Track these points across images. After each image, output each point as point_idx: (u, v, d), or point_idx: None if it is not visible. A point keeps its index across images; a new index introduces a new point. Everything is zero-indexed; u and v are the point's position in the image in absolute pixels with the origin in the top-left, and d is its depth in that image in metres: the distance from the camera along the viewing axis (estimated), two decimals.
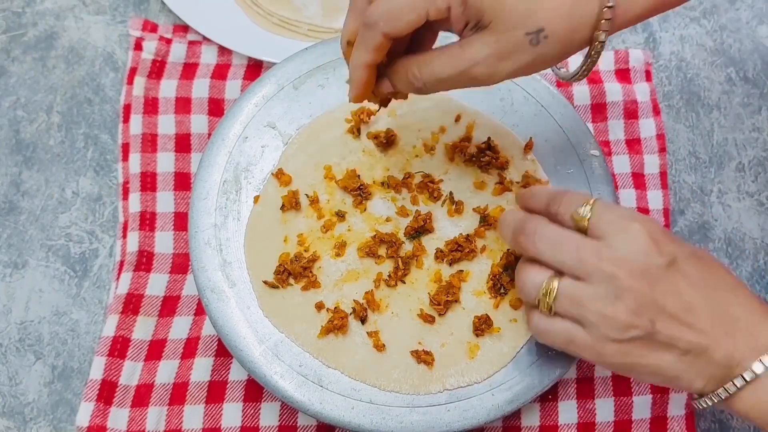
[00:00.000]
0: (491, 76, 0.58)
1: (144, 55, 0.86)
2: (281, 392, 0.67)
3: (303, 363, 0.69)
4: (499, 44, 0.55)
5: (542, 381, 0.69)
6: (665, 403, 0.74)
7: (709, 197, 0.83)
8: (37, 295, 0.78)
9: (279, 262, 0.72)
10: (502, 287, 0.71)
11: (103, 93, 0.87)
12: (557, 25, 0.55)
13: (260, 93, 0.78)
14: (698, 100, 0.88)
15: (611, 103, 0.85)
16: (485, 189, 0.75)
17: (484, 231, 0.73)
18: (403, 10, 0.55)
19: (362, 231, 0.73)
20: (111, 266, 0.79)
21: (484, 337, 0.70)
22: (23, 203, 0.81)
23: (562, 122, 0.77)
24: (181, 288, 0.78)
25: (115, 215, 0.81)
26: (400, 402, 0.68)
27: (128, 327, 0.75)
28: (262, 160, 0.76)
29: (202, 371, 0.73)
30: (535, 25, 0.54)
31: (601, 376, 0.74)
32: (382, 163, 0.76)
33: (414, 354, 0.69)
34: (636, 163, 0.83)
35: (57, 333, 0.77)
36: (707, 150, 0.85)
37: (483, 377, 0.69)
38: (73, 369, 0.76)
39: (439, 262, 0.72)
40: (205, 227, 0.72)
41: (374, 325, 0.70)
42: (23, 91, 0.86)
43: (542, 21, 0.54)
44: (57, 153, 0.84)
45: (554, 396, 0.74)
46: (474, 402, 0.68)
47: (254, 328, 0.69)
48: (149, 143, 0.82)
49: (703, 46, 0.90)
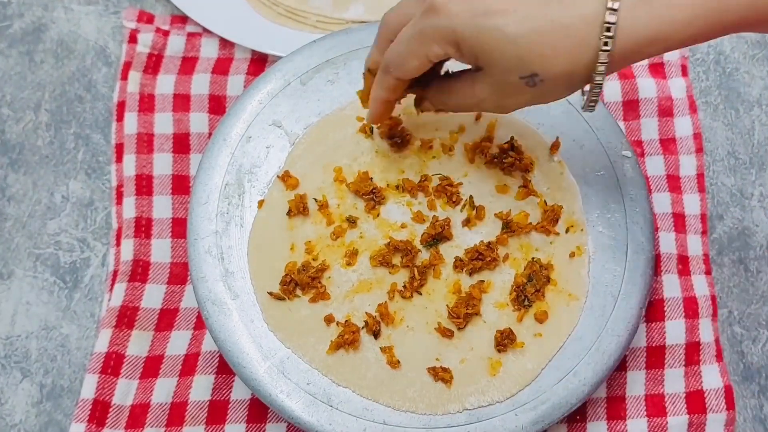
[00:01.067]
0: (501, 109, 0.65)
1: (139, 49, 0.86)
2: (288, 412, 0.67)
3: (311, 381, 0.69)
4: (498, 86, 0.61)
5: (569, 400, 0.68)
6: (702, 424, 0.73)
7: (749, 201, 0.83)
8: (24, 307, 0.78)
9: (285, 272, 0.72)
10: (527, 299, 0.71)
11: (95, 90, 0.87)
12: (551, 70, 0.57)
13: (265, 89, 0.78)
14: (738, 97, 0.87)
15: (644, 99, 0.85)
16: (508, 193, 0.75)
17: (507, 238, 0.73)
18: (407, 58, 0.62)
19: (375, 238, 0.73)
20: (104, 276, 0.80)
21: (507, 352, 0.70)
22: (9, 209, 0.82)
23: (591, 121, 0.77)
24: (180, 300, 0.78)
25: (108, 221, 0.82)
26: (416, 423, 0.68)
27: (122, 342, 0.76)
28: (266, 161, 0.76)
29: (202, 390, 0.73)
30: (529, 70, 0.57)
31: (633, 395, 0.74)
32: (396, 165, 0.76)
33: (431, 371, 0.69)
34: (671, 165, 0.82)
35: (46, 349, 0.77)
36: (747, 150, 0.85)
37: (505, 396, 0.69)
38: (63, 388, 0.76)
39: (458, 272, 0.72)
40: (206, 234, 0.73)
41: (388, 340, 0.70)
42: (9, 88, 0.87)
43: (535, 66, 0.57)
44: (45, 154, 0.84)
45: (582, 416, 0.73)
46: (496, 423, 0.68)
47: (258, 343, 0.69)
48: (145, 143, 0.82)
49: (743, 38, 0.90)
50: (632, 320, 0.70)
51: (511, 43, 0.56)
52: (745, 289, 0.79)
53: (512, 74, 0.58)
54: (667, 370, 0.75)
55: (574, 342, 0.70)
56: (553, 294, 0.72)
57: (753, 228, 0.82)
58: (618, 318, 0.71)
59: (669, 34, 0.56)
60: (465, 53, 0.59)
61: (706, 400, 0.73)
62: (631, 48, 0.56)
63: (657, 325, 0.75)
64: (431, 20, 0.58)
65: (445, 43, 0.59)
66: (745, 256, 0.81)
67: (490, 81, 0.60)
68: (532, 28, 0.55)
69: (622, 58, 0.57)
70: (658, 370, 0.75)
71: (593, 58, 0.56)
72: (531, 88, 0.59)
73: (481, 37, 0.57)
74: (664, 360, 0.75)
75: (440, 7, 0.58)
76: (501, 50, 0.57)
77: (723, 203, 0.83)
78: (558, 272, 0.72)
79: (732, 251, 0.81)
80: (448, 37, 0.58)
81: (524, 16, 0.55)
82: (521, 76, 0.58)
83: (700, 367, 0.75)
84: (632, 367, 0.75)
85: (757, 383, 0.76)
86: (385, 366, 0.69)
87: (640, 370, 0.75)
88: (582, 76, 0.58)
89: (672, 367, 0.75)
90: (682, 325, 0.75)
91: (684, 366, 0.75)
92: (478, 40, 0.57)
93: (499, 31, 0.56)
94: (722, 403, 0.73)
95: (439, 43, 0.59)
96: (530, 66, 0.57)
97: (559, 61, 0.57)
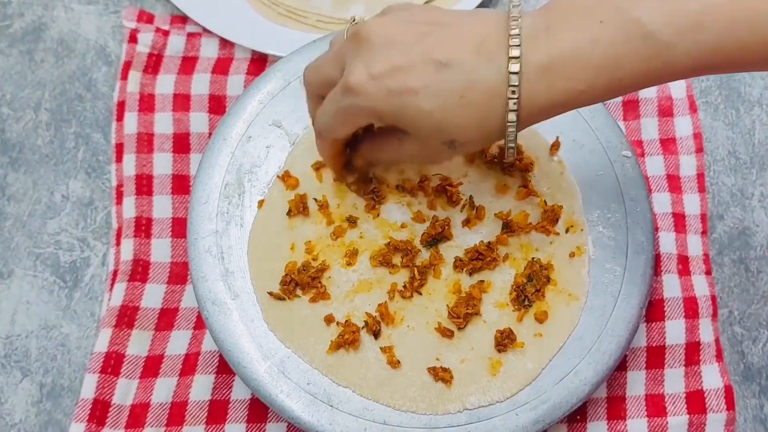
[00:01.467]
0: (430, 163, 0.73)
1: (139, 48, 0.86)
2: (288, 412, 0.68)
3: (311, 381, 0.69)
4: (422, 149, 0.64)
5: (570, 400, 0.69)
6: (702, 424, 0.73)
7: (750, 201, 0.83)
8: (24, 307, 0.79)
9: (285, 272, 0.72)
10: (527, 299, 0.71)
11: (96, 89, 0.87)
12: (467, 136, 0.60)
13: (265, 89, 0.78)
14: (738, 96, 0.88)
15: (644, 99, 0.85)
16: (508, 193, 0.75)
17: (507, 238, 0.73)
18: (334, 127, 0.65)
19: (375, 238, 0.74)
20: (104, 276, 0.80)
21: (507, 352, 0.70)
22: (9, 208, 0.82)
23: (591, 120, 0.77)
24: (180, 300, 0.78)
25: (108, 221, 0.82)
26: (417, 423, 0.68)
27: (122, 342, 0.76)
28: (267, 161, 0.76)
29: (202, 389, 0.74)
30: (447, 137, 0.60)
31: (633, 395, 0.74)
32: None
33: (431, 371, 0.69)
34: (671, 165, 0.83)
35: (45, 348, 0.77)
36: (748, 150, 0.85)
37: (506, 396, 0.69)
38: (63, 387, 0.76)
39: (458, 272, 0.73)
40: (206, 234, 0.73)
41: (388, 340, 0.70)
42: (9, 87, 0.87)
43: (453, 135, 0.60)
44: (45, 154, 0.84)
45: (583, 416, 0.74)
46: (496, 423, 0.68)
47: (258, 342, 0.70)
48: (145, 143, 0.83)
49: None
50: (632, 320, 0.71)
51: (427, 116, 0.59)
52: (746, 289, 0.79)
53: (434, 140, 0.61)
54: (667, 370, 0.75)
55: (575, 342, 0.70)
56: (553, 294, 0.72)
57: (753, 228, 0.82)
58: (618, 318, 0.71)
59: (570, 101, 0.58)
60: (388, 123, 0.62)
61: (706, 400, 0.74)
62: (536, 113, 0.59)
63: (657, 325, 0.76)
64: (351, 100, 0.61)
65: (368, 116, 0.62)
66: (746, 256, 0.81)
67: (416, 142, 0.63)
68: (443, 104, 0.58)
69: (529, 121, 0.60)
70: (659, 370, 0.75)
71: (501, 124, 0.59)
72: (453, 149, 0.62)
73: (400, 113, 0.60)
74: (665, 360, 0.75)
75: (357, 88, 0.60)
76: (419, 122, 0.60)
77: (723, 203, 0.83)
78: (558, 272, 0.73)
79: (732, 251, 0.81)
80: (370, 113, 0.61)
81: (434, 92, 0.58)
82: (442, 142, 0.61)
83: (700, 367, 0.75)
84: (632, 367, 0.75)
85: (758, 383, 0.76)
86: (385, 366, 0.69)
87: (641, 370, 0.75)
88: (496, 135, 0.61)
89: (672, 367, 0.75)
90: (682, 325, 0.75)
91: (684, 366, 0.75)
92: (397, 115, 0.60)
93: (414, 108, 0.59)
94: (722, 403, 0.73)
95: (362, 117, 0.63)
96: (448, 134, 0.60)
97: (471, 129, 0.60)
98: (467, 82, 0.57)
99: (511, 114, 0.58)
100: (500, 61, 0.57)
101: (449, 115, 0.58)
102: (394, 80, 0.59)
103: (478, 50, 0.58)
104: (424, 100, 0.58)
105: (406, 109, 0.59)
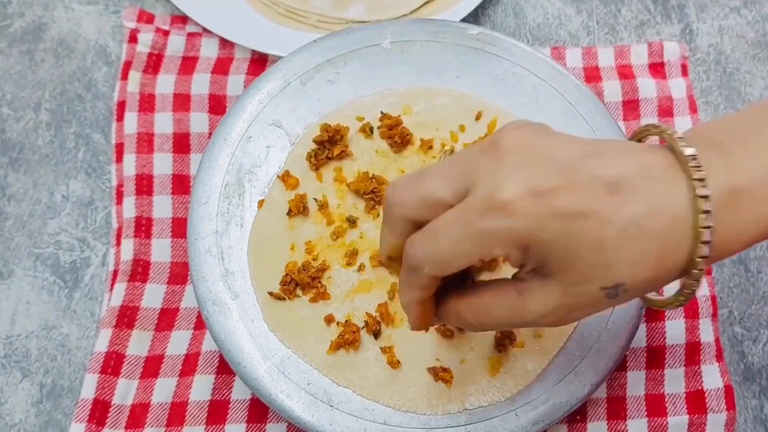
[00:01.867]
0: (557, 324, 0.54)
1: (139, 48, 0.87)
2: (288, 412, 0.68)
3: (311, 381, 0.69)
4: (569, 298, 0.51)
5: (570, 400, 0.69)
6: (702, 424, 0.74)
7: None
8: (24, 307, 0.79)
9: (285, 272, 0.72)
10: None
11: (96, 89, 0.87)
12: (639, 276, 0.50)
13: (265, 89, 0.78)
14: (739, 97, 0.88)
15: (644, 99, 0.85)
16: None
17: None
18: (453, 257, 0.51)
19: (375, 238, 0.74)
20: (104, 276, 0.80)
21: (507, 352, 0.70)
22: (9, 208, 0.82)
23: (591, 121, 0.77)
24: (180, 300, 0.78)
25: (108, 221, 0.82)
26: (417, 423, 0.68)
27: (122, 342, 0.76)
28: (267, 161, 0.76)
29: (202, 390, 0.74)
30: (613, 281, 0.50)
31: (633, 395, 0.75)
32: (396, 165, 0.77)
33: (431, 371, 0.69)
34: None
35: (45, 348, 0.77)
36: None
37: (506, 396, 0.69)
38: (63, 387, 0.76)
39: None
40: (206, 234, 0.73)
41: (388, 340, 0.71)
42: (9, 87, 0.87)
43: (622, 275, 0.49)
44: (45, 154, 0.84)
45: (583, 416, 0.74)
46: (496, 423, 0.68)
47: (258, 343, 0.70)
48: (145, 143, 0.83)
49: (744, 38, 0.90)
50: (632, 320, 0.71)
51: (596, 248, 0.48)
52: (746, 289, 0.80)
53: (592, 284, 0.50)
54: (667, 370, 0.75)
55: (575, 342, 0.71)
56: None
57: None
58: (618, 318, 0.71)
59: None
60: (533, 258, 0.50)
61: (706, 401, 0.74)
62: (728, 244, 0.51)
63: (657, 325, 0.76)
64: (496, 221, 0.48)
65: (512, 246, 0.49)
66: (746, 256, 0.81)
67: (557, 292, 0.51)
68: (619, 234, 0.48)
69: (719, 256, 0.51)
70: (659, 370, 0.75)
71: (686, 261, 0.50)
72: (610, 299, 0.51)
73: (562, 243, 0.48)
74: (665, 360, 0.75)
75: (507, 205, 0.48)
76: (584, 257, 0.49)
77: None
78: None
79: None
80: (519, 240, 0.49)
81: (608, 218, 0.48)
82: (603, 287, 0.50)
83: (700, 367, 0.75)
84: (632, 367, 0.75)
85: (758, 383, 0.77)
86: (385, 366, 0.70)
87: (641, 370, 0.75)
88: (674, 275, 0.51)
89: (672, 367, 0.75)
90: (682, 325, 0.76)
91: (684, 366, 0.75)
92: (557, 245, 0.49)
93: (585, 236, 0.48)
94: (722, 403, 0.74)
95: (505, 245, 0.49)
96: (614, 275, 0.49)
97: (646, 267, 0.49)
98: (650, 207, 0.48)
99: (703, 247, 0.48)
100: (682, 185, 0.49)
101: (624, 248, 0.48)
102: (559, 200, 0.48)
103: (648, 174, 0.49)
104: (596, 226, 0.48)
105: (575, 237, 0.48)
